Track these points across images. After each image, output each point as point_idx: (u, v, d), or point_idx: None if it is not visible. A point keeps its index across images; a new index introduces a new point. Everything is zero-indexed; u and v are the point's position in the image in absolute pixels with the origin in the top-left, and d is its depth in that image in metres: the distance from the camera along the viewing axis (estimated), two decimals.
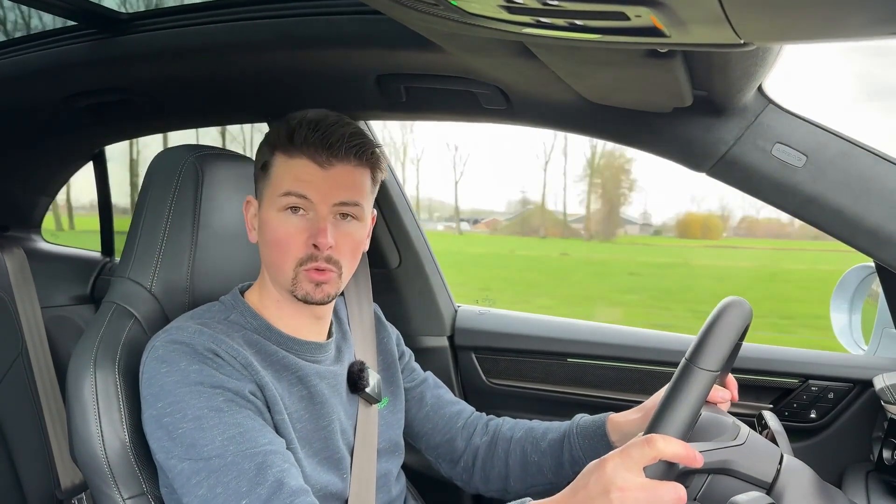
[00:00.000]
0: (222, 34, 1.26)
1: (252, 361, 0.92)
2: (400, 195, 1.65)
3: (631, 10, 0.59)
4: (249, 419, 0.87)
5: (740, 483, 0.83)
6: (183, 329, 0.92)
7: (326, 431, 1.00)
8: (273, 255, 0.96)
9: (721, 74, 0.93)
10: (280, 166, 0.95)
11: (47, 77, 1.49)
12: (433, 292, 1.69)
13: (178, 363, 0.88)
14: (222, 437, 0.84)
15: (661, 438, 0.72)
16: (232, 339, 0.93)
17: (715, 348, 0.77)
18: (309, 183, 0.93)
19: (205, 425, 0.84)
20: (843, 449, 1.34)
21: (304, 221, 0.94)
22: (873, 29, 0.61)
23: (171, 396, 0.86)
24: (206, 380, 0.87)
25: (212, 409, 0.85)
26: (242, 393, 0.88)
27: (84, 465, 0.95)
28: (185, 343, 0.90)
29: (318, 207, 0.94)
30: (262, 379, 0.92)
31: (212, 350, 0.90)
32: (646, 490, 0.70)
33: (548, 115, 1.24)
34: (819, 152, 1.03)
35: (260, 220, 0.98)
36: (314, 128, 0.93)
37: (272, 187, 0.95)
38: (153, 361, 0.90)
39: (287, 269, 0.95)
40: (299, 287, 0.95)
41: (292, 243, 0.94)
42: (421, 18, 0.78)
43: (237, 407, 0.87)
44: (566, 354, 1.58)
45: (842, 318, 1.59)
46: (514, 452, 1.16)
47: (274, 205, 0.95)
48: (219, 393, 0.87)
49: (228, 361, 0.90)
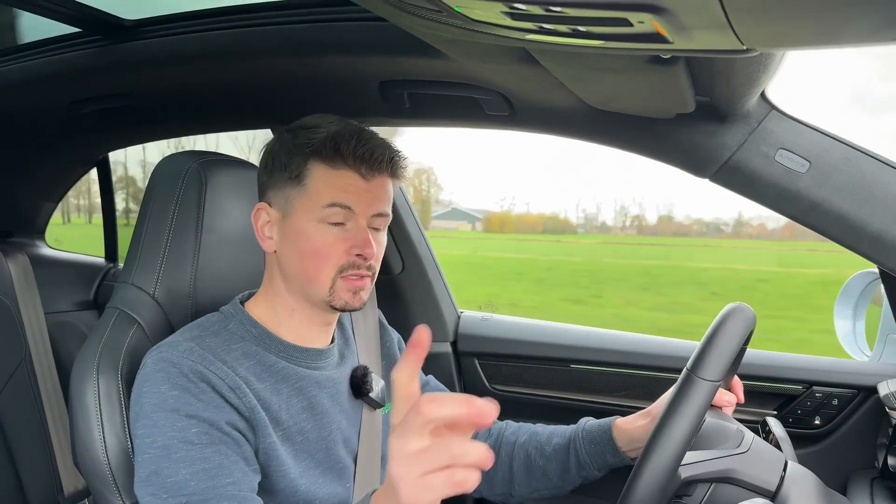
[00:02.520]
0: (226, 41, 1.27)
1: (243, 383, 0.90)
2: (403, 201, 1.65)
3: (634, 17, 0.59)
4: (219, 454, 0.85)
5: (744, 492, 0.83)
6: (174, 346, 0.90)
7: (328, 441, 0.99)
8: (310, 265, 0.95)
9: (724, 80, 0.93)
10: (320, 176, 0.93)
11: (52, 83, 1.50)
12: (436, 298, 1.69)
13: (159, 386, 0.87)
14: (187, 470, 0.83)
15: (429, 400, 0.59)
16: (228, 354, 0.92)
17: (716, 358, 0.76)
18: (354, 195, 0.94)
19: (172, 455, 0.83)
20: (848, 455, 1.33)
21: (343, 231, 0.95)
22: (877, 35, 0.61)
23: (146, 419, 0.86)
24: (181, 408, 0.85)
25: (182, 440, 0.84)
26: (218, 425, 0.86)
27: (87, 470, 0.95)
28: (172, 363, 0.88)
29: (359, 219, 0.95)
30: (251, 401, 0.90)
31: (198, 373, 0.87)
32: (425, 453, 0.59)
33: (550, 122, 1.24)
34: (822, 158, 1.03)
35: (288, 229, 0.96)
36: (360, 140, 0.93)
37: (310, 197, 0.94)
38: (140, 378, 0.89)
39: (325, 278, 0.95)
40: (337, 296, 0.95)
41: (332, 253, 0.94)
42: (424, 25, 0.78)
43: (208, 440, 0.85)
44: (569, 360, 1.58)
45: (846, 324, 1.58)
46: (517, 456, 1.15)
47: (313, 215, 0.94)
48: (192, 424, 0.85)
49: (214, 385, 0.88)
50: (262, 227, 0.98)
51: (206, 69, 1.35)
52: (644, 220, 35.13)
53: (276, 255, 0.99)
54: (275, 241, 0.98)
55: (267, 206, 0.98)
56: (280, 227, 0.97)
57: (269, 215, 0.98)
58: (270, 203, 0.98)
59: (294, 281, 0.98)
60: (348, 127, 0.95)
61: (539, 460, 1.14)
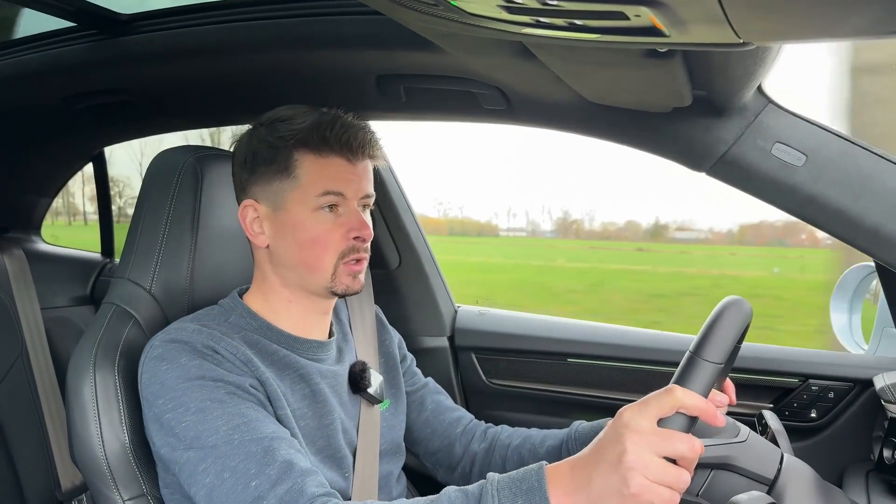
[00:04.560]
0: (222, 35, 1.26)
1: (252, 358, 0.92)
2: (400, 195, 1.65)
3: (630, 10, 0.59)
4: (253, 409, 0.87)
5: (742, 479, 0.83)
6: (181, 329, 0.92)
7: (329, 430, 1.00)
8: (311, 254, 0.96)
9: (721, 74, 0.93)
10: (310, 166, 0.94)
11: (47, 78, 1.49)
12: (433, 293, 1.69)
13: (177, 359, 0.88)
14: (226, 426, 0.84)
15: (681, 389, 0.70)
16: (232, 338, 0.93)
17: (719, 340, 0.76)
18: (344, 180, 0.95)
19: (208, 416, 0.84)
20: (844, 448, 1.34)
21: (337, 217, 0.96)
22: (873, 29, 0.61)
23: (172, 392, 0.86)
24: (206, 374, 0.87)
25: (214, 400, 0.85)
26: (244, 386, 0.88)
27: (84, 466, 0.95)
28: (183, 341, 0.90)
29: (350, 203, 0.96)
30: (264, 375, 0.92)
31: (210, 347, 0.90)
32: (660, 436, 0.68)
33: (547, 116, 1.24)
34: (819, 152, 1.03)
35: (281, 222, 0.96)
36: (343, 126, 0.94)
37: (303, 188, 0.94)
38: (152, 360, 0.90)
39: (327, 265, 0.96)
40: (339, 281, 0.97)
41: (332, 239, 0.96)
42: (420, 19, 0.78)
43: (239, 399, 0.87)
44: (566, 354, 1.58)
45: (842, 317, 1.59)
46: (511, 459, 1.16)
47: (307, 205, 0.95)
48: (220, 386, 0.87)
49: (228, 358, 0.90)
50: (251, 223, 0.98)
51: (202, 63, 1.34)
52: (579, 224, 36.34)
53: (268, 250, 0.99)
54: (267, 236, 0.98)
55: (254, 203, 0.98)
56: (272, 221, 0.97)
57: (258, 211, 0.98)
58: (257, 199, 0.98)
59: (292, 272, 0.98)
60: (328, 114, 0.96)
61: (532, 462, 1.14)
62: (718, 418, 0.71)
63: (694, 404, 0.70)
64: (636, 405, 0.71)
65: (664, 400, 0.70)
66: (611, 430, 0.71)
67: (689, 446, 0.68)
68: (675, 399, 0.70)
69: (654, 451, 0.67)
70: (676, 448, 0.68)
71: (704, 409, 0.70)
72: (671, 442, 0.68)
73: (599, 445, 0.71)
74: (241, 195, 1.00)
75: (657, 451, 0.68)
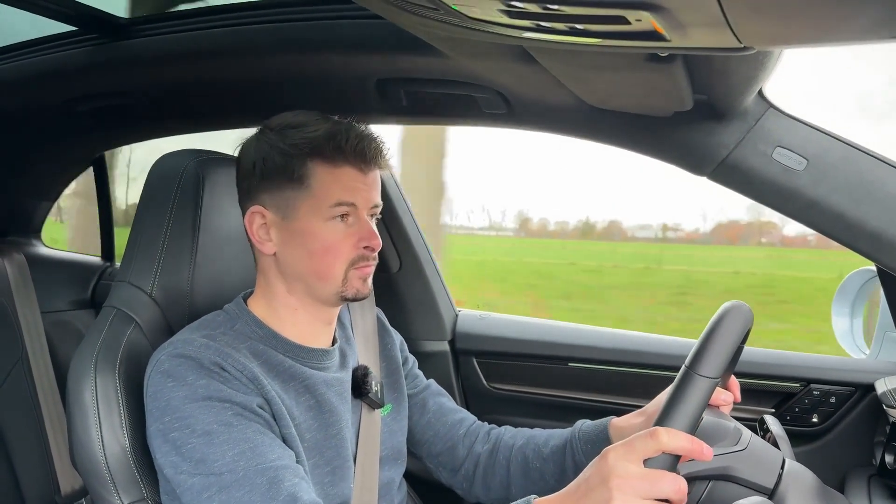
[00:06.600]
0: (223, 39, 1.26)
1: (258, 375, 0.91)
2: (400, 199, 1.65)
3: (631, 14, 0.59)
4: (259, 434, 0.87)
5: (741, 489, 0.83)
6: (188, 342, 0.91)
7: (337, 440, 0.99)
8: (322, 262, 0.96)
9: (721, 78, 0.93)
10: (323, 176, 0.94)
11: (47, 82, 1.50)
12: (434, 296, 1.69)
13: (185, 378, 0.87)
14: (232, 452, 0.83)
15: (665, 431, 0.71)
16: (238, 351, 0.92)
17: (715, 355, 0.76)
18: (357, 190, 0.96)
19: (214, 440, 0.84)
20: (845, 453, 1.33)
21: (348, 226, 0.96)
22: (873, 33, 0.61)
23: (178, 412, 0.86)
24: (214, 394, 0.86)
25: (221, 423, 0.85)
26: (251, 407, 0.88)
27: (84, 470, 0.95)
28: (190, 357, 0.89)
29: (361, 212, 0.97)
30: (269, 392, 0.91)
31: (218, 364, 0.89)
32: (646, 480, 0.69)
33: (548, 120, 1.24)
34: (820, 156, 1.03)
35: (291, 230, 0.96)
36: (357, 136, 0.94)
37: (316, 198, 0.94)
38: (159, 375, 0.89)
39: (337, 273, 0.96)
40: (349, 286, 0.98)
41: (343, 248, 0.96)
42: (421, 23, 0.78)
43: (246, 421, 0.86)
44: (567, 359, 1.58)
45: (843, 322, 1.58)
46: (515, 459, 1.15)
47: (320, 215, 0.94)
48: (228, 407, 0.86)
49: (235, 375, 0.89)
50: (258, 230, 0.97)
51: (202, 67, 1.34)
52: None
53: (274, 258, 0.98)
54: (274, 243, 0.97)
55: (261, 209, 0.97)
56: (280, 229, 0.96)
57: (265, 218, 0.97)
58: (265, 205, 0.97)
59: (300, 280, 0.98)
60: (341, 123, 0.96)
61: (536, 462, 1.13)
62: (705, 452, 0.72)
63: (678, 446, 0.70)
64: (621, 447, 0.71)
65: (648, 444, 0.70)
66: (596, 473, 0.71)
67: (675, 488, 0.69)
68: (658, 443, 0.70)
69: (639, 495, 0.68)
70: (662, 490, 0.69)
71: (690, 450, 0.71)
72: (657, 485, 0.69)
73: (586, 487, 0.72)
74: (247, 201, 0.99)
75: (643, 495, 0.68)
